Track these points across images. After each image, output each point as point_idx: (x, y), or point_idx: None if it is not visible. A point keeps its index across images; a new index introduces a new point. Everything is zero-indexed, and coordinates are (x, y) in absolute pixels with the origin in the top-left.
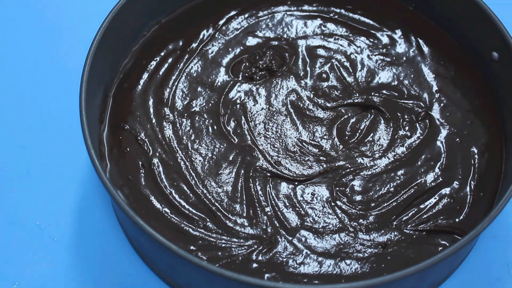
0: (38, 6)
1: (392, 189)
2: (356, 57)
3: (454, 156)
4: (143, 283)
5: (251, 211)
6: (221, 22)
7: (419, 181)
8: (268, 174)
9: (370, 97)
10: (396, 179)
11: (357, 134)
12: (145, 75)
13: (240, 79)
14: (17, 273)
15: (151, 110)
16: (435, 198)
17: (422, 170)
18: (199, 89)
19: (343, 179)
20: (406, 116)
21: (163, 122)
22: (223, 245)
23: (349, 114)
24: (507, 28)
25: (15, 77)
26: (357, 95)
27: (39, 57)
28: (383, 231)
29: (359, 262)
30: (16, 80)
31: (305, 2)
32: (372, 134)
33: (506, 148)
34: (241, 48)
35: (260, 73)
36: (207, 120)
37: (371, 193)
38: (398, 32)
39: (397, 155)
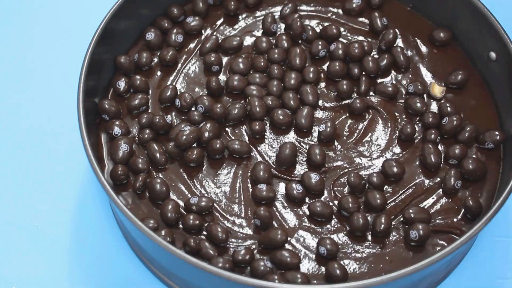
0: (35, 7)
1: (390, 189)
2: None
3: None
4: (142, 284)
5: (249, 211)
6: (218, 22)
7: (417, 181)
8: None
9: (368, 97)
10: (394, 179)
11: (355, 134)
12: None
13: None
14: (15, 274)
15: (149, 110)
16: (433, 198)
17: (420, 170)
18: (196, 89)
19: (341, 179)
20: (404, 116)
21: None
22: (222, 245)
23: (347, 114)
24: (504, 28)
25: (13, 78)
26: (355, 95)
27: (38, 58)
28: None
29: (357, 262)
30: (15, 81)
31: (302, 2)
32: (370, 134)
33: (504, 148)
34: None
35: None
36: None
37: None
38: (396, 32)
39: (395, 155)
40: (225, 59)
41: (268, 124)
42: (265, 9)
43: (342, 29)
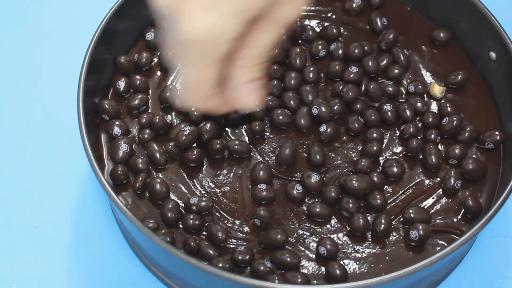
0: (35, 7)
1: (390, 189)
2: None
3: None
4: (142, 284)
5: (249, 211)
6: None
7: (417, 181)
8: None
9: None
10: (394, 179)
11: (355, 134)
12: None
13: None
14: (15, 274)
15: (149, 110)
16: (433, 198)
17: (420, 170)
18: None
19: (341, 179)
20: (404, 116)
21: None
22: (221, 245)
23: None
24: (504, 28)
25: (13, 78)
26: None
27: (38, 58)
28: None
29: (357, 262)
30: (15, 81)
31: None
32: (370, 134)
33: (503, 148)
34: None
35: None
36: None
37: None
38: (396, 32)
39: (395, 155)
40: None
41: (268, 124)
42: None
43: (342, 29)
